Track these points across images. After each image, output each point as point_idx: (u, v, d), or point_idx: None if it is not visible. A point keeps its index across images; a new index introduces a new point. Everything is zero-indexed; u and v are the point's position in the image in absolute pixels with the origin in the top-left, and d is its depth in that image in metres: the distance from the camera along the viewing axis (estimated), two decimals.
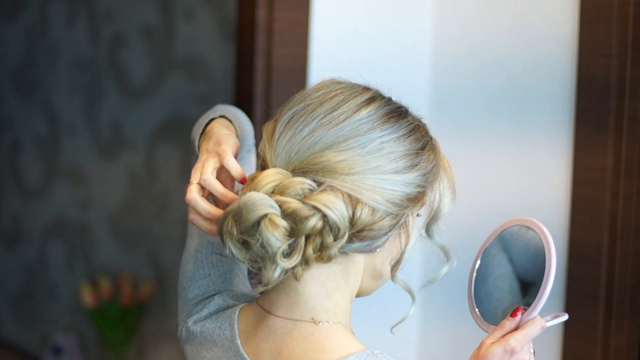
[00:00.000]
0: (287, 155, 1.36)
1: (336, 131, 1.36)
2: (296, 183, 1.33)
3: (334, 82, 1.43)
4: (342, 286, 1.40)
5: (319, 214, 1.32)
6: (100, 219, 3.96)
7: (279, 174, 1.34)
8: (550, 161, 2.20)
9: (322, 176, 1.34)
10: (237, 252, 1.33)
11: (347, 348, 1.36)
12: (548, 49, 2.20)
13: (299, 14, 2.35)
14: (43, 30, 4.24)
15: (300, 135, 1.36)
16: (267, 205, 1.31)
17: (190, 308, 1.52)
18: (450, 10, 2.41)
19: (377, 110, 1.38)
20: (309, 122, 1.37)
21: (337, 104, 1.38)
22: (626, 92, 2.07)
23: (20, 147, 4.43)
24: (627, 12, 2.05)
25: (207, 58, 3.50)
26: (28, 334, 4.41)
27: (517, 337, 1.44)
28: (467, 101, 2.36)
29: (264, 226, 1.30)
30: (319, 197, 1.32)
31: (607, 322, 2.11)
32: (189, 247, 1.58)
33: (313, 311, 1.38)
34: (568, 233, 2.16)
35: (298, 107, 1.39)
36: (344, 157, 1.35)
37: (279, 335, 1.39)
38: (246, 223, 1.31)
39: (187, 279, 1.54)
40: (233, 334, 1.43)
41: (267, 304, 1.41)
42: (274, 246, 1.31)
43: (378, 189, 1.35)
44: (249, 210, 1.30)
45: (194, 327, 1.48)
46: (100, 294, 3.86)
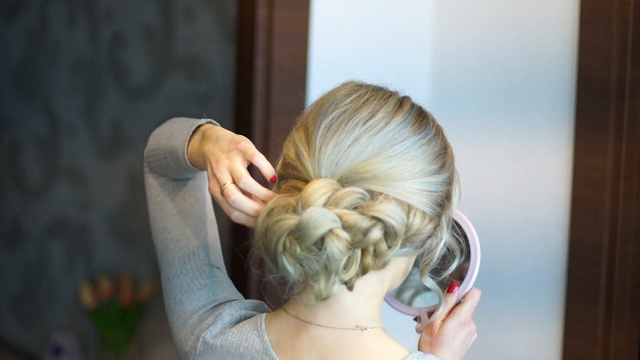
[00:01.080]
0: (332, 165, 1.34)
1: (381, 138, 1.35)
2: (350, 194, 1.31)
3: (357, 85, 1.42)
4: (377, 291, 1.40)
5: (379, 224, 1.31)
6: (100, 219, 3.96)
7: (329, 185, 1.32)
8: (550, 161, 2.20)
9: (372, 184, 1.33)
10: (291, 268, 1.30)
11: (396, 353, 1.37)
12: (548, 49, 2.20)
13: (299, 14, 2.35)
14: (43, 30, 4.24)
15: (345, 144, 1.34)
16: (331, 220, 1.29)
17: (195, 321, 1.47)
18: (450, 11, 2.41)
19: (409, 114, 1.39)
20: (350, 129, 1.35)
21: (374, 110, 1.37)
22: (626, 92, 2.07)
23: (20, 147, 4.43)
24: (627, 12, 2.05)
25: (207, 58, 3.50)
26: (28, 334, 4.41)
27: (465, 310, 1.52)
28: (467, 102, 2.36)
29: (329, 241, 1.28)
30: (378, 208, 1.31)
31: (607, 322, 2.11)
32: (172, 262, 1.54)
33: (356, 319, 1.38)
34: (568, 233, 2.16)
35: (334, 115, 1.36)
36: (393, 164, 1.34)
37: (325, 345, 1.37)
38: (310, 239, 1.28)
39: (182, 291, 1.50)
40: (265, 345, 1.40)
41: (304, 314, 1.39)
42: (338, 260, 1.29)
43: (424, 192, 1.36)
44: (314, 226, 1.27)
45: (214, 340, 1.44)
46: (100, 294, 3.86)
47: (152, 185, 1.59)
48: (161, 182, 1.58)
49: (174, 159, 1.51)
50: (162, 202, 1.57)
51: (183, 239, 1.54)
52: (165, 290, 1.53)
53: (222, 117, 3.13)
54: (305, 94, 2.36)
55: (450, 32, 2.42)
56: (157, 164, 1.56)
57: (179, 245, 1.53)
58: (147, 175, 1.60)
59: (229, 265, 2.53)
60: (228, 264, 2.55)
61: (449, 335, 1.51)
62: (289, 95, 2.34)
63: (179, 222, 1.55)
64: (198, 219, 1.56)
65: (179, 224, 1.55)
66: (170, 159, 1.52)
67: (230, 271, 2.49)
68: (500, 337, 2.30)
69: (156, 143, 1.56)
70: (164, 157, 1.54)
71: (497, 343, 2.30)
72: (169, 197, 1.57)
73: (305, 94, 2.36)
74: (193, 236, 1.54)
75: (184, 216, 1.55)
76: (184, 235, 1.54)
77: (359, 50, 2.41)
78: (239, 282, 2.46)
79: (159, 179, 1.58)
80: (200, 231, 1.55)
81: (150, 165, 1.58)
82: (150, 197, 1.59)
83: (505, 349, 2.29)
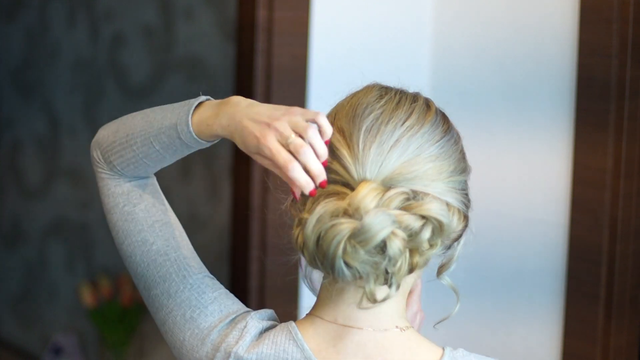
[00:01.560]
0: (376, 167, 1.34)
1: (419, 137, 1.36)
2: (398, 195, 1.32)
3: (384, 87, 1.42)
4: (406, 291, 1.41)
5: (429, 223, 1.32)
6: (100, 219, 3.95)
7: (377, 188, 1.32)
8: (550, 161, 2.20)
9: (415, 184, 1.34)
10: (349, 272, 1.30)
11: (434, 351, 1.39)
12: (548, 49, 2.20)
13: (299, 14, 2.35)
14: (43, 30, 4.24)
15: (387, 145, 1.34)
16: (392, 221, 1.29)
17: (216, 337, 1.42)
18: (450, 12, 2.41)
19: (437, 114, 1.41)
20: (390, 131, 1.35)
21: (409, 111, 1.38)
22: (626, 92, 2.07)
23: (20, 147, 4.43)
24: (627, 12, 2.05)
25: (207, 58, 3.50)
26: (28, 334, 4.40)
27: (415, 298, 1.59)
28: (467, 102, 2.36)
29: (392, 243, 1.29)
30: (427, 207, 1.32)
31: (607, 322, 2.11)
32: (169, 277, 1.47)
33: (393, 319, 1.39)
34: (568, 233, 2.16)
35: (372, 117, 1.36)
36: (433, 164, 1.35)
37: (370, 348, 1.37)
38: (374, 242, 1.28)
39: (191, 307, 1.45)
40: (306, 355, 1.38)
41: (342, 318, 1.38)
42: (399, 260, 1.30)
43: (459, 190, 1.38)
44: (378, 229, 1.28)
45: (248, 355, 1.40)
46: (100, 294, 3.85)
47: (116, 193, 1.50)
48: (126, 190, 1.50)
49: (164, 139, 1.43)
50: (132, 212, 1.49)
51: (170, 251, 1.48)
52: (165, 306, 1.47)
53: None
54: (305, 94, 2.36)
55: (450, 32, 2.42)
56: (127, 157, 1.47)
57: (169, 258, 1.48)
58: (108, 182, 1.50)
59: (229, 265, 2.53)
60: (228, 264, 2.55)
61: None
62: (289, 95, 2.34)
63: (158, 232, 1.48)
64: (175, 227, 1.50)
65: (159, 234, 1.48)
66: (156, 141, 1.43)
67: (231, 272, 2.49)
68: (500, 337, 2.30)
69: (124, 135, 1.47)
70: (142, 143, 1.45)
71: (497, 343, 2.30)
72: (139, 206, 1.49)
73: (305, 94, 2.36)
74: (178, 247, 1.49)
75: (162, 226, 1.49)
76: (169, 247, 1.48)
77: (359, 51, 2.41)
78: (238, 287, 2.46)
79: (123, 187, 1.49)
80: (182, 240, 1.50)
81: (114, 163, 1.48)
82: (116, 207, 1.50)
83: (505, 349, 2.29)
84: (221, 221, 3.47)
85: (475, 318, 2.34)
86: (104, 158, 1.49)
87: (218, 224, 3.50)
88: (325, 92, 2.37)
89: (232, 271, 2.47)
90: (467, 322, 2.32)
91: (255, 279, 2.40)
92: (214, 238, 3.45)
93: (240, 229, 2.44)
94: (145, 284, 1.49)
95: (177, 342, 1.45)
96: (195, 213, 3.54)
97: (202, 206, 3.56)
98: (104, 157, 1.49)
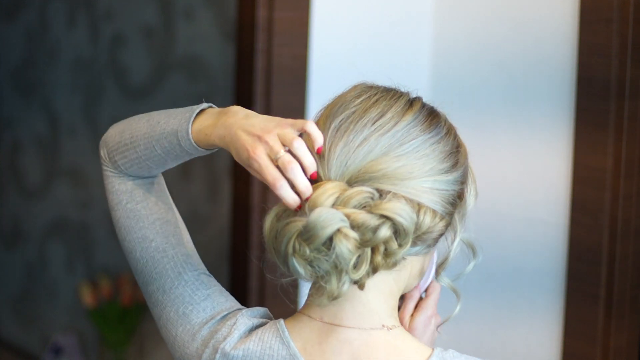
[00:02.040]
0: (341, 166, 1.34)
1: (390, 137, 1.35)
2: (358, 193, 1.31)
3: (368, 87, 1.42)
4: (394, 291, 1.41)
5: (388, 222, 1.31)
6: (100, 219, 3.96)
7: (337, 186, 1.32)
8: (550, 161, 2.20)
9: (381, 183, 1.33)
10: (302, 270, 1.30)
11: (422, 351, 1.38)
12: (548, 49, 2.20)
13: (299, 14, 2.35)
14: (43, 30, 4.24)
15: (354, 144, 1.34)
16: (339, 219, 1.29)
17: (207, 333, 1.45)
18: (450, 12, 2.41)
19: (420, 112, 1.39)
20: (359, 129, 1.35)
21: (383, 110, 1.37)
22: (626, 92, 2.07)
23: (20, 147, 4.43)
24: (627, 12, 2.05)
25: (207, 58, 3.50)
26: (28, 334, 4.41)
27: (431, 303, 1.54)
28: (467, 101, 2.36)
29: (337, 241, 1.28)
30: (387, 206, 1.31)
31: (607, 322, 2.11)
32: (165, 273, 1.50)
33: (381, 318, 1.39)
34: (568, 233, 2.16)
35: (343, 116, 1.37)
36: (402, 163, 1.34)
37: (355, 346, 1.37)
38: (319, 240, 1.28)
39: (185, 303, 1.47)
40: (292, 352, 1.39)
41: (328, 316, 1.39)
42: (347, 259, 1.29)
43: (435, 190, 1.36)
44: (321, 226, 1.28)
45: (234, 351, 1.41)
46: (100, 294, 3.86)
47: (120, 190, 1.53)
48: (129, 187, 1.53)
49: (165, 144, 1.46)
50: (135, 209, 1.52)
51: (169, 248, 1.51)
52: (160, 302, 1.49)
53: None
54: (305, 94, 2.36)
55: (450, 32, 2.42)
56: (131, 158, 1.50)
57: (167, 255, 1.50)
58: (112, 179, 1.53)
59: (229, 265, 2.53)
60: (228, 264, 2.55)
61: (420, 329, 1.53)
62: (289, 95, 2.34)
63: (158, 230, 1.51)
64: (176, 226, 1.53)
65: (160, 232, 1.51)
66: (158, 145, 1.47)
67: (231, 272, 2.49)
68: (500, 337, 2.30)
69: (129, 136, 1.50)
70: (145, 146, 1.48)
71: (497, 343, 2.30)
72: (142, 204, 1.52)
73: (305, 94, 2.36)
74: (177, 244, 1.51)
75: (163, 224, 1.52)
76: (168, 244, 1.51)
77: (359, 50, 2.41)
78: (238, 287, 2.46)
79: (127, 184, 1.53)
80: (182, 238, 1.53)
81: (119, 162, 1.52)
82: (119, 204, 1.53)
83: (505, 349, 2.29)
84: (221, 221, 3.47)
85: (475, 318, 2.34)
86: (110, 157, 1.52)
87: (218, 223, 3.50)
88: (325, 92, 2.36)
89: (232, 271, 2.47)
90: (467, 322, 2.32)
91: (255, 279, 2.40)
92: (214, 238, 3.46)
93: (240, 229, 2.44)
94: (144, 280, 1.51)
95: (171, 337, 1.47)
96: (196, 213, 3.55)
97: (202, 206, 3.56)
98: (109, 156, 1.52)
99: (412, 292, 1.54)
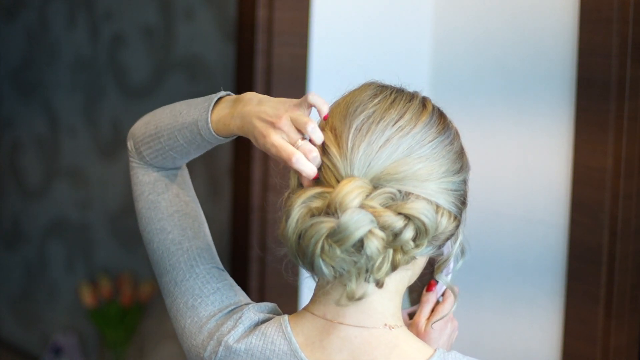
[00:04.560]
0: (364, 165, 1.35)
1: (411, 138, 1.36)
2: (383, 193, 1.33)
3: (381, 86, 1.43)
4: (400, 289, 1.42)
5: (412, 223, 1.33)
6: (100, 219, 3.96)
7: (363, 185, 1.33)
8: (550, 161, 2.20)
9: (403, 185, 1.34)
10: (327, 270, 1.32)
11: (424, 351, 1.39)
12: (548, 48, 2.20)
13: (299, 14, 2.35)
14: (43, 30, 4.24)
15: (377, 144, 1.35)
16: (369, 220, 1.30)
17: (213, 326, 1.47)
18: (450, 12, 2.41)
19: (433, 114, 1.41)
20: (381, 130, 1.36)
21: (401, 111, 1.39)
22: (626, 92, 2.07)
23: (20, 147, 4.43)
24: (627, 12, 2.06)
25: (207, 58, 3.50)
26: (28, 334, 4.41)
27: (447, 307, 1.56)
28: (467, 102, 2.36)
29: (369, 242, 1.30)
30: (412, 206, 1.33)
31: (607, 322, 2.11)
32: (178, 265, 1.53)
33: (384, 317, 1.39)
34: (568, 233, 2.16)
35: (363, 116, 1.38)
36: (422, 165, 1.36)
37: (355, 345, 1.38)
38: (350, 241, 1.30)
39: (194, 296, 1.49)
40: (293, 347, 1.40)
41: (331, 314, 1.40)
42: (375, 260, 1.31)
43: (450, 191, 1.38)
44: (354, 228, 1.29)
45: (237, 345, 1.43)
46: (100, 294, 3.86)
47: (143, 182, 1.57)
48: (152, 179, 1.57)
49: (187, 134, 1.50)
50: (155, 201, 1.56)
51: (185, 241, 1.54)
52: (171, 293, 1.52)
53: None
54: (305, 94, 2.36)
55: (449, 33, 2.42)
56: (155, 148, 1.54)
57: (182, 248, 1.53)
58: (137, 171, 1.58)
59: (229, 265, 2.53)
60: (228, 264, 2.55)
61: (436, 333, 1.55)
62: (289, 95, 2.33)
63: (177, 222, 1.55)
64: (195, 219, 1.57)
65: (177, 224, 1.55)
66: (180, 135, 1.51)
67: (231, 273, 2.49)
68: (500, 337, 2.30)
69: (154, 127, 1.55)
70: (169, 137, 1.53)
71: (497, 343, 2.30)
72: (162, 195, 1.56)
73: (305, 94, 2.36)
74: (194, 237, 1.54)
75: (181, 216, 1.56)
76: (185, 237, 1.54)
77: (359, 50, 2.41)
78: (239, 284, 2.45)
79: (151, 176, 1.57)
80: (199, 232, 1.56)
81: (144, 153, 1.56)
82: (142, 195, 1.57)
83: (505, 349, 2.29)
84: (221, 221, 3.48)
85: (475, 318, 2.34)
86: (136, 148, 1.57)
87: (218, 223, 3.50)
88: (325, 92, 2.36)
89: (232, 271, 2.47)
90: (468, 322, 2.32)
91: (255, 279, 2.40)
92: (214, 238, 3.44)
93: (240, 229, 2.44)
94: (159, 271, 1.55)
95: (180, 329, 1.50)
96: None
97: (202, 206, 3.56)
98: (135, 148, 1.57)
99: (429, 295, 1.56)
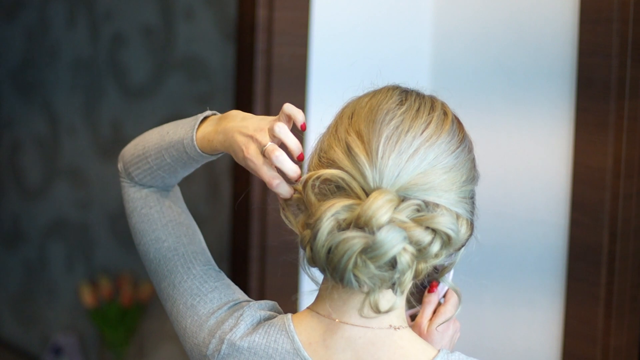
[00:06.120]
0: (393, 176, 1.35)
1: (436, 148, 1.37)
2: (409, 206, 1.33)
3: (404, 91, 1.44)
4: (405, 292, 1.42)
5: (439, 236, 1.34)
6: (100, 219, 3.96)
7: (393, 200, 1.33)
8: (550, 161, 2.20)
9: (427, 195, 1.35)
10: (356, 283, 1.32)
11: (428, 352, 1.40)
12: (548, 48, 2.20)
13: (299, 14, 2.35)
14: (43, 30, 4.24)
15: (406, 155, 1.35)
16: (403, 238, 1.31)
17: (213, 323, 1.47)
18: (450, 12, 2.41)
19: (453, 122, 1.42)
20: (410, 140, 1.36)
21: (427, 119, 1.39)
22: (626, 92, 2.07)
23: (20, 147, 4.43)
24: (627, 12, 2.06)
25: (207, 58, 3.50)
26: (28, 334, 4.41)
27: (449, 308, 1.57)
28: (467, 101, 2.36)
29: (402, 259, 1.31)
30: (439, 220, 1.33)
31: (607, 322, 2.11)
32: (175, 269, 1.55)
33: (388, 318, 1.40)
34: (568, 233, 2.16)
35: (393, 124, 1.38)
36: (447, 175, 1.37)
37: (360, 345, 1.39)
38: (385, 258, 1.31)
39: (193, 295, 1.51)
40: (295, 346, 1.41)
41: (336, 314, 1.40)
42: (407, 273, 1.32)
43: (468, 199, 1.39)
44: (390, 246, 1.30)
45: (240, 342, 1.44)
46: (100, 294, 3.86)
47: (135, 198, 1.61)
48: (144, 194, 1.60)
49: (173, 153, 1.54)
50: (148, 214, 1.59)
51: (180, 247, 1.56)
52: (171, 297, 1.53)
53: None
54: (305, 94, 2.36)
55: (450, 33, 2.42)
56: (144, 169, 1.58)
57: (178, 253, 1.55)
58: (128, 189, 1.62)
59: (229, 265, 2.53)
60: (228, 264, 2.55)
61: (438, 334, 1.56)
62: (289, 95, 2.34)
63: (171, 230, 1.57)
64: (188, 227, 1.59)
65: (172, 232, 1.57)
66: (167, 154, 1.54)
67: (231, 272, 2.49)
68: (501, 337, 2.30)
69: (142, 148, 1.59)
70: (156, 156, 1.56)
71: (497, 343, 2.30)
72: (155, 208, 1.59)
73: (305, 94, 2.36)
74: (189, 243, 1.57)
75: (175, 225, 1.58)
76: (180, 243, 1.56)
77: (358, 50, 2.41)
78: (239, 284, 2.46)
79: (142, 192, 1.61)
80: (194, 238, 1.58)
81: (132, 174, 1.60)
82: (134, 210, 1.60)
83: (505, 348, 2.29)
84: (221, 221, 3.48)
85: (475, 318, 2.34)
86: (125, 169, 1.61)
87: (218, 224, 3.50)
88: (325, 92, 2.37)
89: (232, 271, 2.47)
90: (468, 322, 2.32)
91: (255, 279, 2.40)
92: (214, 238, 3.46)
93: (240, 229, 2.44)
94: (157, 279, 1.57)
95: (181, 330, 1.51)
96: (195, 213, 3.54)
97: (202, 206, 3.56)
98: (125, 169, 1.62)
99: (431, 297, 1.57)
